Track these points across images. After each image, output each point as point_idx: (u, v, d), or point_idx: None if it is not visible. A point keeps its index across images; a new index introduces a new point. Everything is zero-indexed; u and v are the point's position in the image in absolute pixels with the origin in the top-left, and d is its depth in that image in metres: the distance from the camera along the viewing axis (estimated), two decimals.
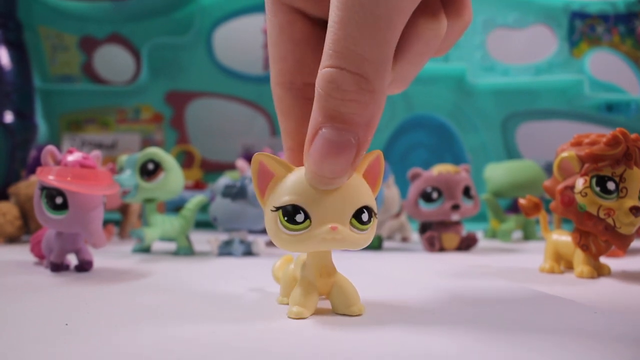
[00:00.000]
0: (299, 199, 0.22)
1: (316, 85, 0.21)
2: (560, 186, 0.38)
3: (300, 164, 0.24)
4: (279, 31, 0.24)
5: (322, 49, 0.22)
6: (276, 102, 0.25)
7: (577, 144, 0.39)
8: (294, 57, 0.24)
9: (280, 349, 0.19)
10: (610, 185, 0.35)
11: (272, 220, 0.23)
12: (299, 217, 0.22)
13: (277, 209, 0.23)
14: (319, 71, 0.21)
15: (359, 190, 0.23)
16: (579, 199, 0.36)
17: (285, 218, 0.23)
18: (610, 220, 0.35)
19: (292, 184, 0.23)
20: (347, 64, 0.20)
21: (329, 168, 0.21)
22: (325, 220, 0.22)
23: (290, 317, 0.24)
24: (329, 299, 0.26)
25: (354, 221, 0.23)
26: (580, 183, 0.36)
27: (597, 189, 0.35)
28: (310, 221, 0.22)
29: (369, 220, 0.23)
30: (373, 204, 0.24)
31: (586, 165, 0.36)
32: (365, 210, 0.23)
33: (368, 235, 0.24)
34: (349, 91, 0.20)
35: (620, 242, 0.36)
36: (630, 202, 0.34)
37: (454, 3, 0.24)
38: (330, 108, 0.21)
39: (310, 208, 0.22)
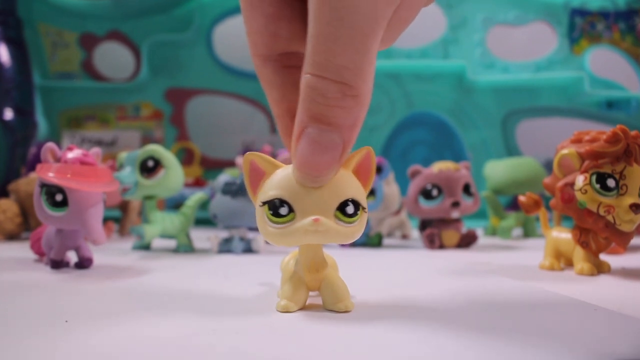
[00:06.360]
0: (283, 193, 0.23)
1: (300, 87, 0.21)
2: (560, 183, 0.38)
3: (289, 130, 0.24)
4: (250, 7, 0.24)
5: (296, 19, 0.22)
6: (257, 73, 0.25)
7: (577, 141, 0.39)
8: (267, 31, 0.23)
9: (279, 347, 0.19)
10: (610, 183, 0.35)
11: (260, 215, 0.24)
12: (283, 210, 0.23)
13: (264, 203, 0.23)
14: (302, 75, 0.21)
15: (344, 184, 0.23)
16: (579, 196, 0.36)
17: (271, 212, 0.23)
18: (610, 218, 0.35)
19: (278, 179, 0.23)
20: (329, 74, 0.20)
21: (315, 166, 0.22)
22: (308, 213, 0.23)
23: (278, 311, 0.25)
24: (320, 295, 0.26)
25: (339, 214, 0.23)
26: (580, 180, 0.36)
27: (597, 186, 0.35)
28: (295, 214, 0.23)
29: (355, 213, 0.23)
30: (360, 198, 0.24)
31: (586, 163, 0.36)
32: (350, 203, 0.23)
33: (355, 228, 0.24)
34: (333, 98, 0.20)
35: (620, 239, 0.36)
36: (630, 200, 0.34)
37: None
38: (314, 110, 0.21)
39: (294, 201, 0.23)
